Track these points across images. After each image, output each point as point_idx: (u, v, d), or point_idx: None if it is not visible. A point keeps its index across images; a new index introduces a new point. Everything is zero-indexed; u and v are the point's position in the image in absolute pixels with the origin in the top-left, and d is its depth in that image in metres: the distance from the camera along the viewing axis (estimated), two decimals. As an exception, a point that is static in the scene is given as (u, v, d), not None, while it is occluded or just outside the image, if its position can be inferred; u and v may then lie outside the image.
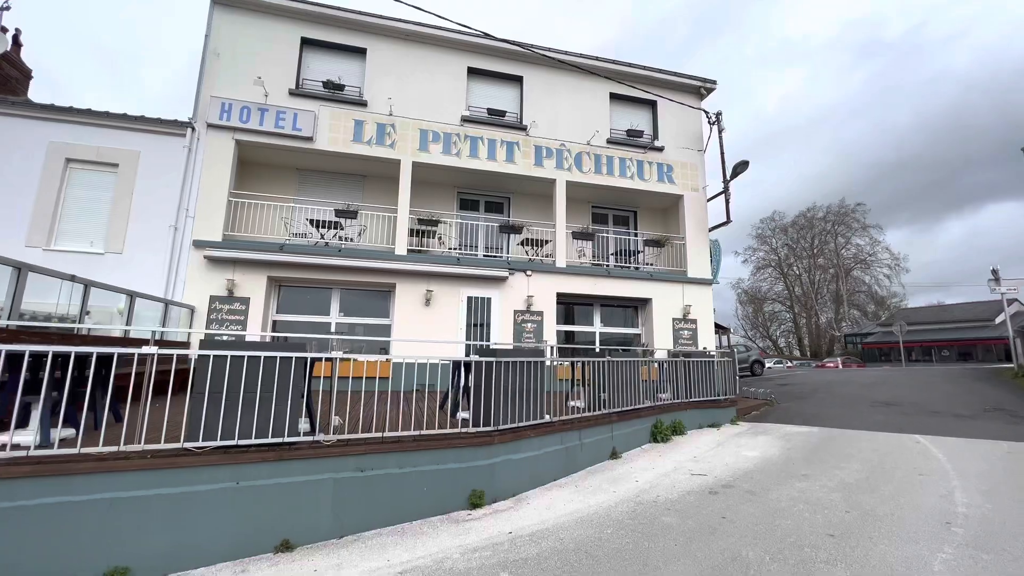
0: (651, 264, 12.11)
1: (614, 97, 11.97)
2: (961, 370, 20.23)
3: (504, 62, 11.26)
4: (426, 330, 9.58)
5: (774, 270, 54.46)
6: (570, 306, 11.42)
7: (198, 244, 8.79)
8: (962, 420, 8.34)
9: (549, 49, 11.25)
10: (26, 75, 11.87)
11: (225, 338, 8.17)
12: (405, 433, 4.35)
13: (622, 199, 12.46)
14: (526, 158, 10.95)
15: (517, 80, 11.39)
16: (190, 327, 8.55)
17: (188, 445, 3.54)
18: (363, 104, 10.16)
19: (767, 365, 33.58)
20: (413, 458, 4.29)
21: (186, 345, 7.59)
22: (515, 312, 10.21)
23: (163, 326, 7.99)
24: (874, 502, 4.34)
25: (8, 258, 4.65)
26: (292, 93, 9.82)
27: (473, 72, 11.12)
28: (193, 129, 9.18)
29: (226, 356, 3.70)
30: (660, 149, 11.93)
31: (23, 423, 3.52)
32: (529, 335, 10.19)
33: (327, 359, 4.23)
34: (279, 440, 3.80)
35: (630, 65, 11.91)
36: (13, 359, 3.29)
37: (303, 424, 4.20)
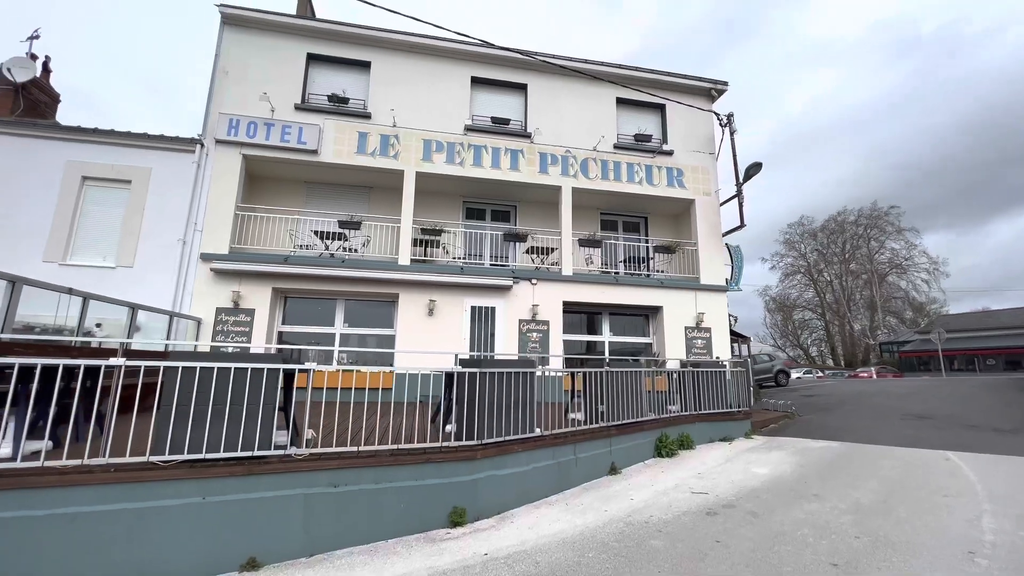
0: (662, 271, 11.76)
1: (621, 102, 11.76)
2: (1007, 380, 18.91)
3: (508, 70, 11.23)
4: (429, 340, 9.48)
5: (803, 276, 52.67)
6: (578, 315, 11.15)
7: (205, 257, 8.95)
8: (1001, 435, 7.69)
9: (553, 56, 11.16)
10: (54, 99, 12.47)
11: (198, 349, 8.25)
12: (382, 447, 4.21)
13: (631, 205, 12.19)
14: (531, 165, 10.83)
15: (521, 88, 11.33)
16: (196, 339, 8.67)
17: (154, 459, 3.48)
18: (367, 116, 10.25)
19: (796, 375, 32.31)
20: (390, 473, 4.14)
21: (164, 356, 7.67)
22: (520, 321, 10.02)
23: (169, 338, 8.13)
24: (889, 527, 3.95)
25: (2, 272, 4.74)
26: (298, 108, 9.99)
27: (477, 81, 11.12)
28: (202, 145, 9.41)
29: (195, 367, 3.66)
30: (669, 153, 11.63)
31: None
32: (534, 345, 9.98)
33: (301, 370, 4.13)
34: (248, 454, 3.71)
35: (637, 69, 11.71)
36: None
37: (282, 437, 4.12)
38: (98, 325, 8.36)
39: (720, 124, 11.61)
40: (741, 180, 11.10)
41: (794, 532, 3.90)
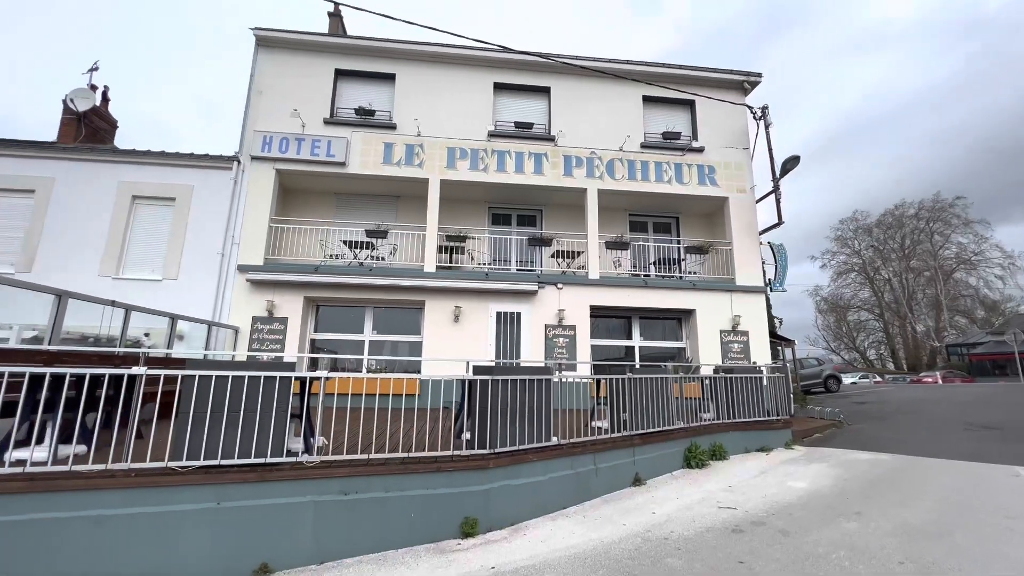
0: (695, 273, 11.32)
1: (647, 100, 11.46)
2: (1097, 386, 16.99)
3: (530, 74, 11.18)
4: (455, 346, 9.51)
5: (858, 275, 49.43)
6: (607, 320, 10.90)
7: (242, 268, 9.36)
8: (1086, 449, 6.86)
9: (576, 57, 11.03)
10: (112, 125, 13.46)
11: (217, 358, 8.57)
12: (392, 455, 4.21)
13: (661, 205, 11.82)
14: (555, 169, 10.72)
15: (544, 91, 11.25)
16: (234, 348, 9.07)
17: (172, 464, 3.61)
18: (392, 127, 10.46)
19: (849, 380, 30.34)
20: (401, 481, 4.12)
21: (183, 364, 8.04)
22: (546, 327, 9.89)
23: (209, 346, 8.54)
24: (940, 553, 3.56)
25: (49, 286, 5.10)
26: (327, 122, 10.33)
27: (499, 87, 11.14)
28: (239, 162, 9.88)
29: (210, 376, 3.78)
30: (700, 150, 11.21)
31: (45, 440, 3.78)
32: (561, 350, 9.82)
33: (312, 378, 4.20)
34: (261, 460, 3.79)
35: (664, 65, 11.38)
36: (33, 380, 3.56)
37: (297, 444, 4.20)
38: (146, 335, 8.89)
39: (754, 118, 11.09)
40: (778, 175, 10.54)
41: (828, 555, 3.58)
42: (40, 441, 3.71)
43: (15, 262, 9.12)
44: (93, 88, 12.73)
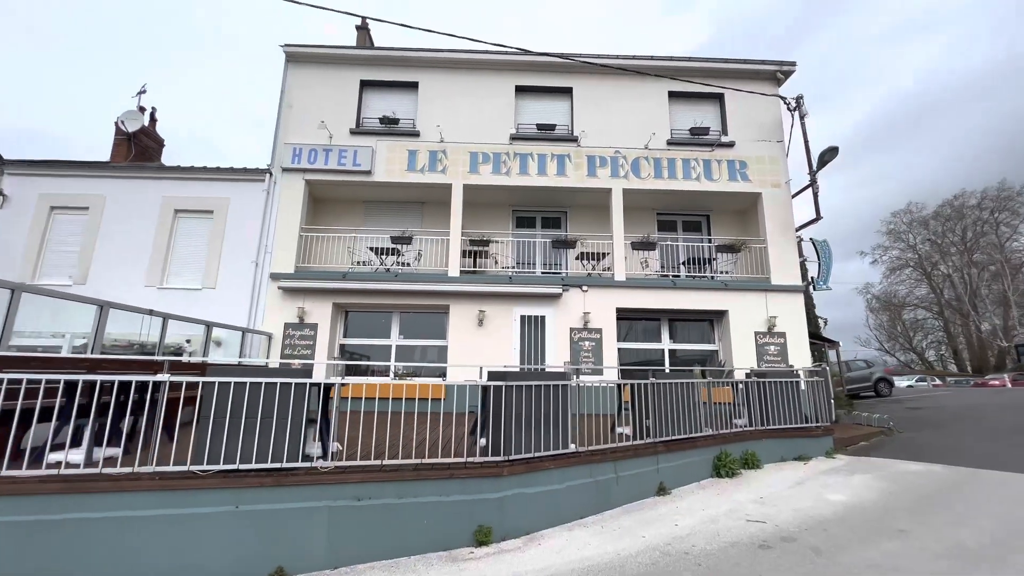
0: (727, 272, 10.88)
1: (674, 96, 11.14)
2: None
3: (552, 75, 11.09)
4: (480, 350, 9.51)
5: (913, 270, 46.30)
6: (635, 322, 10.63)
7: (274, 276, 9.70)
8: None
9: (598, 56, 10.86)
10: (160, 144, 14.29)
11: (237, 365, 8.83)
12: (405, 461, 4.21)
13: (690, 203, 11.44)
14: (578, 170, 10.57)
15: (566, 92, 11.14)
16: (268, 353, 9.40)
17: (193, 468, 3.74)
18: (416, 134, 10.61)
19: (904, 383, 28.46)
20: (413, 488, 4.12)
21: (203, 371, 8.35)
22: (571, 330, 9.74)
23: (243, 352, 8.88)
24: (994, 577, 3.23)
25: (91, 297, 5.43)
26: (353, 132, 10.59)
27: (521, 90, 11.11)
28: (270, 174, 10.27)
29: (229, 382, 3.90)
30: (730, 145, 10.79)
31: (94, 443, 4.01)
32: (587, 354, 9.64)
33: (327, 384, 4.26)
34: (277, 465, 3.88)
35: (690, 59, 11.04)
36: (71, 386, 3.79)
37: (315, 448, 4.27)
38: (187, 341, 9.32)
39: (788, 109, 10.58)
40: (814, 168, 9.99)
41: (864, 576, 3.31)
42: (78, 444, 3.94)
43: (72, 275, 9.79)
44: (141, 110, 13.56)
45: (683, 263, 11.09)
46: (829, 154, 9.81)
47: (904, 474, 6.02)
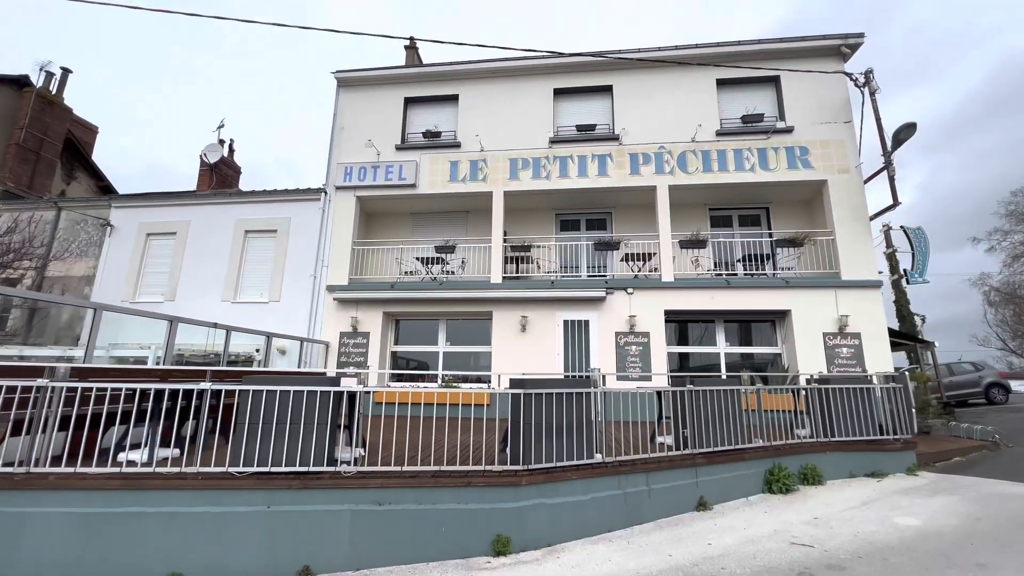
0: (790, 268, 10.02)
1: (722, 83, 10.49)
2: None
3: (591, 75, 10.90)
4: (523, 356, 9.51)
5: (1041, 257, 39.83)
6: (685, 324, 10.09)
7: (330, 288, 10.34)
8: None
9: (639, 50, 10.51)
10: (237, 171, 15.83)
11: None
12: (424, 468, 4.29)
13: (746, 196, 10.68)
14: (620, 169, 10.26)
15: (606, 90, 10.88)
16: (325, 362, 10.02)
17: (231, 469, 4.06)
18: (457, 145, 10.87)
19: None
20: (433, 495, 4.18)
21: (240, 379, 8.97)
22: (616, 334, 9.45)
23: (301, 361, 9.55)
24: (1094, 629, 2.67)
25: (161, 313, 6.10)
26: (398, 148, 11.06)
27: (559, 92, 11.01)
28: (325, 193, 10.99)
29: (262, 390, 4.20)
30: (788, 130, 9.95)
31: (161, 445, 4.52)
32: (634, 359, 9.30)
33: (351, 392, 4.45)
34: (304, 469, 4.11)
35: (740, 43, 10.35)
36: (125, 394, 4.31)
37: (345, 453, 4.48)
38: (257, 351, 10.18)
39: (856, 86, 9.57)
40: (890, 149, 8.94)
41: (920, 616, 2.88)
42: (147, 445, 4.43)
43: (164, 292, 11.08)
44: (221, 142, 15.08)
45: (739, 260, 10.37)
46: (905, 132, 8.73)
47: (1000, 497, 5.17)
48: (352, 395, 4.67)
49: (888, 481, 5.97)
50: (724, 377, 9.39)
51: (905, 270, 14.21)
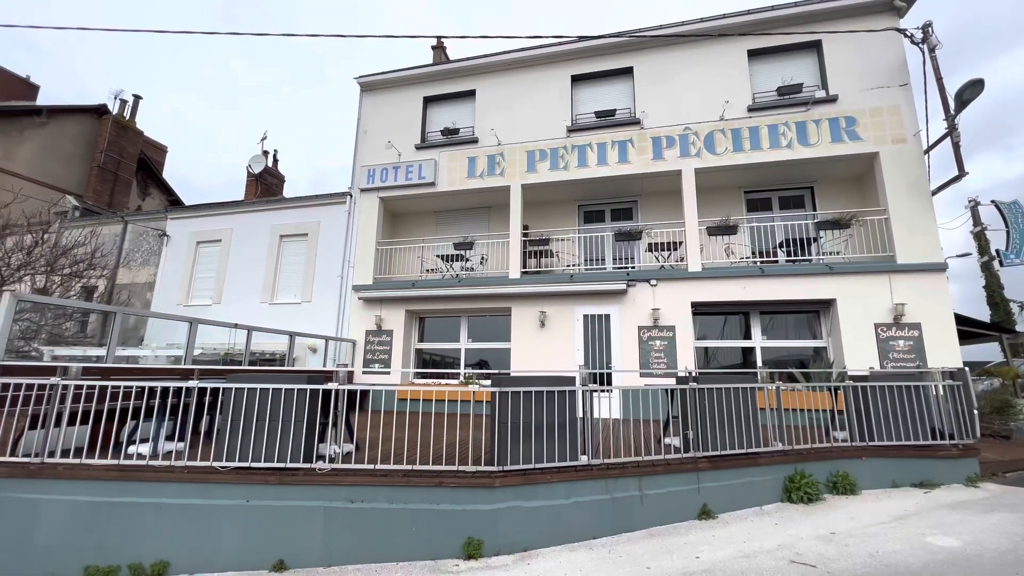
0: (836, 253, 9.04)
1: (754, 54, 9.63)
2: None
3: (609, 58, 10.40)
4: (542, 352, 9.30)
5: None
6: (715, 317, 9.41)
7: (356, 288, 10.65)
8: None
9: (660, 27, 9.91)
10: (280, 180, 16.76)
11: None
12: (397, 467, 4.25)
13: (786, 175, 9.75)
14: (642, 154, 9.72)
15: (626, 72, 10.34)
16: (352, 359, 10.34)
17: (215, 464, 4.24)
18: (474, 141, 10.79)
19: None
20: (404, 494, 4.14)
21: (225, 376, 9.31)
22: (639, 329, 8.98)
23: (327, 359, 9.91)
24: None
25: (183, 315, 6.51)
26: (418, 147, 11.17)
27: (577, 79, 10.62)
28: (351, 195, 11.33)
29: (244, 388, 4.34)
30: (832, 100, 8.95)
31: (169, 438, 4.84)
32: (658, 354, 8.80)
33: (335, 390, 4.49)
34: (282, 465, 4.20)
35: (773, 8, 9.43)
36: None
37: (335, 449, 4.54)
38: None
39: (913, 43, 8.43)
40: (953, 112, 7.79)
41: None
42: (153, 439, 4.73)
43: (212, 296, 11.93)
44: (265, 153, 16.00)
45: (780, 246, 9.50)
46: (970, 91, 7.55)
47: (1077, 516, 4.33)
48: (333, 392, 4.72)
49: (938, 493, 5.20)
50: (762, 374, 8.70)
51: (998, 250, 12.45)
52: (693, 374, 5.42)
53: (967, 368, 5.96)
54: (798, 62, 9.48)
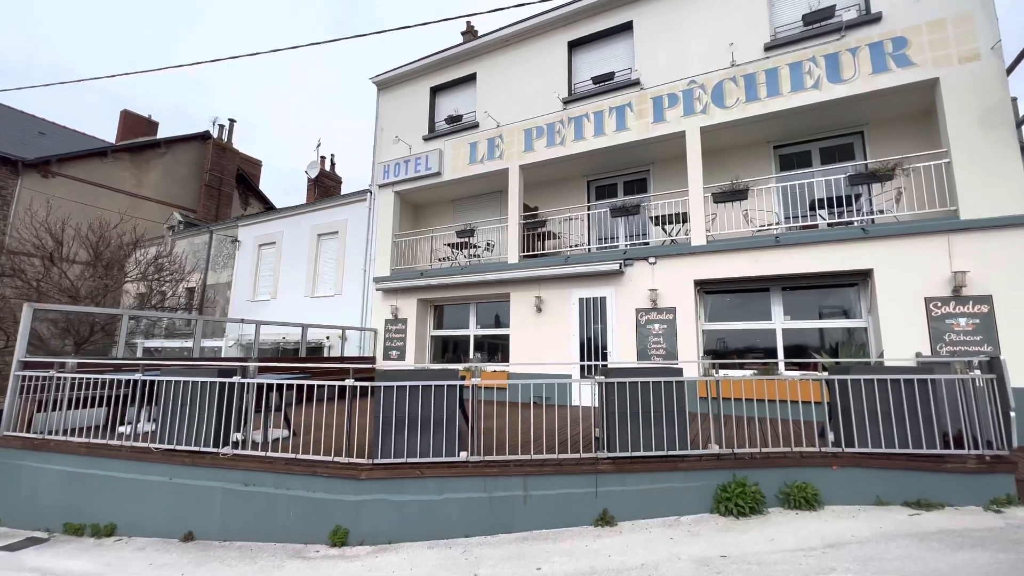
0: (885, 211, 7.31)
1: (775, -21, 8.04)
2: None
3: (608, 15, 9.44)
4: (538, 338, 9.06)
5: None
6: (727, 295, 8.25)
7: (376, 280, 11.31)
8: None
9: (660, -31, 8.73)
10: (337, 182, 18.22)
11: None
12: (282, 455, 4.53)
13: (826, 121, 8.07)
14: (641, 118, 8.77)
15: (626, 28, 9.32)
16: (374, 347, 11.06)
17: (150, 445, 4.93)
18: (475, 126, 10.66)
19: None
20: (287, 480, 4.43)
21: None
22: (637, 311, 8.26)
23: (344, 348, 10.75)
24: None
25: (248, 319, 7.58)
26: (426, 139, 11.36)
27: (575, 45, 9.85)
28: (371, 192, 11.96)
29: (172, 380, 4.96)
30: (875, 19, 7.15)
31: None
32: (657, 339, 8.03)
33: (277, 383, 4.90)
34: (196, 448, 4.74)
35: (798, -83, 7.75)
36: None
37: (273, 434, 5.01)
38: (327, 338, 11.72)
39: (988, -77, 6.35)
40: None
41: None
42: (136, 421, 5.64)
43: (270, 292, 13.55)
44: (322, 159, 17.48)
45: (812, 208, 7.96)
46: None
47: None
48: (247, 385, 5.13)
49: (931, 516, 4.07)
50: (782, 360, 7.51)
51: None
52: (609, 366, 4.88)
53: (1003, 358, 4.50)
54: (830, -21, 7.70)
